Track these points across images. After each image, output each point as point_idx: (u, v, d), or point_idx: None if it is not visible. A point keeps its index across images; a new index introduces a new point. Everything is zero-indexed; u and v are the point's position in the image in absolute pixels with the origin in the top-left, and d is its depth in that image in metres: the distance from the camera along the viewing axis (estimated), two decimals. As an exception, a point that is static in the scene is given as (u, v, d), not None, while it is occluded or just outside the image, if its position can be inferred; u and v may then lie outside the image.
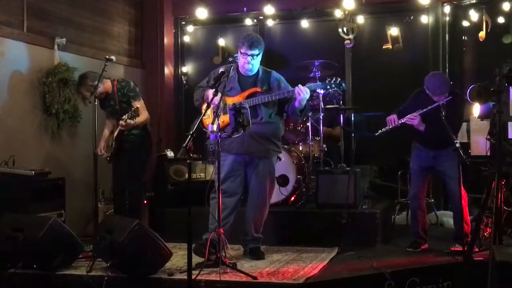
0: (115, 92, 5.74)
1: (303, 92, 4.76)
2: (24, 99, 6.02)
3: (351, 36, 7.52)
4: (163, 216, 6.28)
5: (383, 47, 7.47)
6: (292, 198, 6.16)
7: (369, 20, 7.68)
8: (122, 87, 5.75)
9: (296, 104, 4.85)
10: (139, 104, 5.73)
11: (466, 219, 5.25)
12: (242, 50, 4.89)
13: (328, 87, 4.96)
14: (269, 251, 5.30)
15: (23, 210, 5.26)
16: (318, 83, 5.07)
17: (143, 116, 5.68)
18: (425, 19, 7.44)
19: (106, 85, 5.69)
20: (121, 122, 5.55)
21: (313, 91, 4.98)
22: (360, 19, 7.58)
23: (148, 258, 4.50)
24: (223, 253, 4.51)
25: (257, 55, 4.91)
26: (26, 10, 6.03)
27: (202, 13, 7.83)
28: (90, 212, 6.02)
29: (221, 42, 8.04)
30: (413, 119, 5.17)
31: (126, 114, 5.48)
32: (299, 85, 4.82)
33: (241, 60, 4.94)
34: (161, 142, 7.65)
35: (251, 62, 4.92)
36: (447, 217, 6.48)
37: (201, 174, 6.47)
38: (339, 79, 4.95)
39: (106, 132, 5.95)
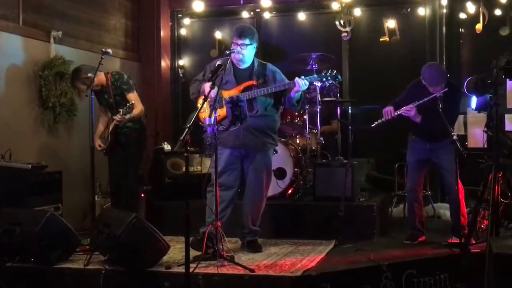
0: (109, 85, 5.72)
1: (301, 85, 4.79)
2: (20, 92, 6.00)
3: (348, 29, 7.52)
4: (160, 210, 6.28)
5: (380, 39, 7.47)
6: (290, 191, 6.16)
7: (366, 12, 7.67)
8: (115, 80, 5.74)
9: (292, 94, 4.88)
10: (133, 96, 5.71)
11: (463, 211, 5.27)
12: (234, 40, 4.94)
13: (324, 79, 4.99)
14: (266, 244, 5.31)
15: (20, 204, 5.24)
16: (314, 75, 5.08)
17: (138, 108, 5.66)
18: (422, 11, 7.43)
19: (99, 78, 5.66)
20: (116, 117, 5.54)
21: (310, 84, 5.00)
22: (357, 12, 7.58)
23: (146, 251, 4.50)
24: (221, 246, 4.51)
25: (248, 45, 4.92)
26: (21, 3, 5.99)
27: (198, 6, 7.81)
28: (87, 205, 6.02)
29: (218, 35, 8.02)
30: (409, 110, 5.17)
31: (122, 110, 5.46)
32: (299, 78, 4.83)
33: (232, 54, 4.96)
34: (158, 135, 7.64)
35: (241, 52, 4.92)
36: (444, 210, 6.50)
37: (198, 167, 6.46)
38: (335, 72, 4.98)
39: (101, 126, 5.93)
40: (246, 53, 4.95)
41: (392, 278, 4.45)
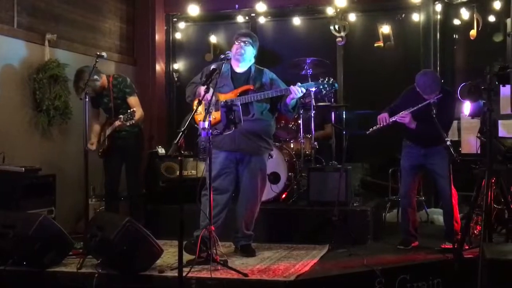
0: (110, 88, 5.72)
1: (297, 92, 4.80)
2: (15, 95, 5.98)
3: (342, 34, 7.54)
4: (154, 213, 6.27)
5: (375, 45, 7.49)
6: (283, 196, 6.17)
7: (360, 18, 7.70)
8: (118, 83, 5.74)
9: (288, 100, 4.89)
10: (134, 100, 5.72)
11: (456, 216, 5.28)
12: (236, 39, 5.01)
13: (321, 87, 5.00)
14: (260, 248, 5.30)
15: (13, 207, 5.25)
16: (311, 82, 5.09)
17: (138, 113, 5.63)
18: (416, 17, 7.46)
19: (102, 80, 5.68)
20: (116, 122, 5.53)
21: (306, 90, 5.02)
22: (352, 17, 7.61)
23: (139, 255, 4.49)
24: (214, 250, 4.50)
25: (250, 43, 4.98)
26: (16, 6, 5.99)
27: (193, 10, 7.82)
28: (81, 209, 5.99)
29: (213, 39, 8.03)
30: (404, 117, 5.18)
31: (123, 116, 5.44)
32: (294, 85, 4.85)
33: (234, 49, 4.99)
34: (152, 139, 7.63)
35: (244, 47, 4.96)
36: (438, 215, 6.51)
37: (193, 171, 6.46)
38: (332, 79, 4.99)
39: (97, 126, 5.92)
40: (247, 49, 4.98)
41: (385, 283, 4.45)
